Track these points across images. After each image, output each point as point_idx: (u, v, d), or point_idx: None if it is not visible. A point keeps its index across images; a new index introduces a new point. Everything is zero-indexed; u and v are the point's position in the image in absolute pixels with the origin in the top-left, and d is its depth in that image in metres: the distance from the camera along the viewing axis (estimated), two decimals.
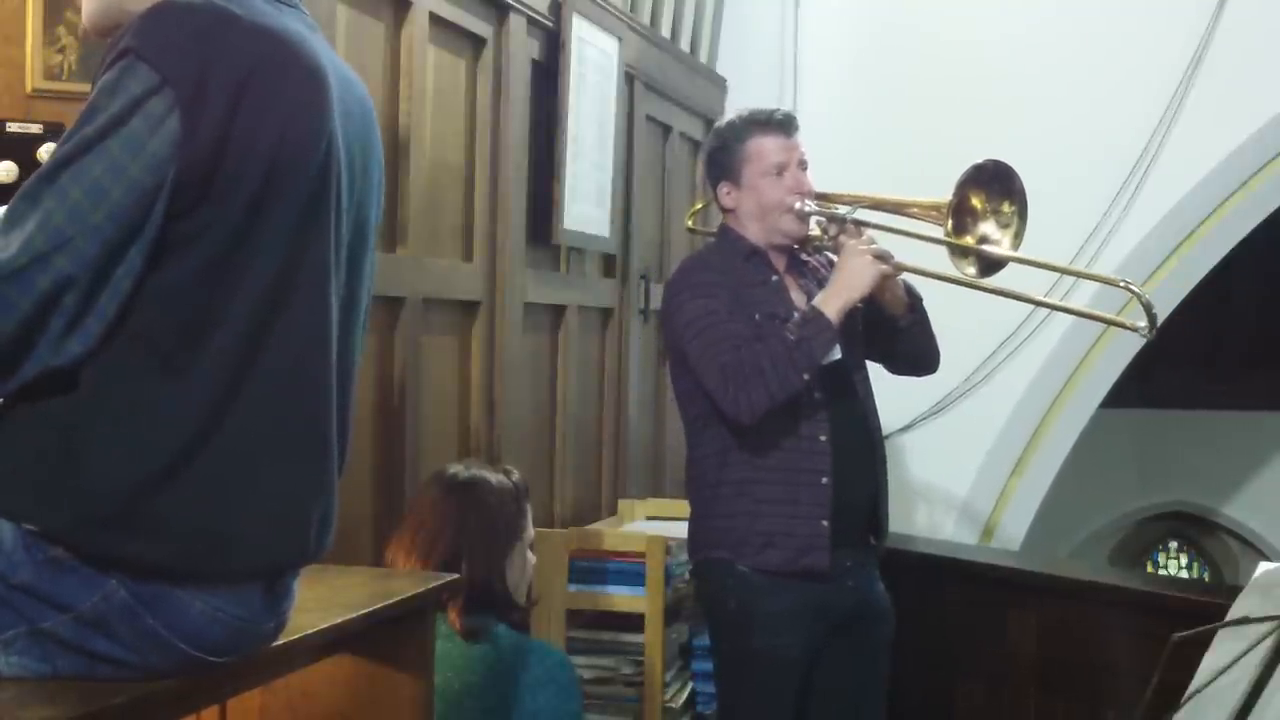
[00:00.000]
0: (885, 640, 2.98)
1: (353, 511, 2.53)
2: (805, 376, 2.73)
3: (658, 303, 3.70)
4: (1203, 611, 2.75)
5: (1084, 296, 4.07)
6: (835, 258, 2.88)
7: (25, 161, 2.05)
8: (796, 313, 2.81)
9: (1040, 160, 3.28)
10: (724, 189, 2.98)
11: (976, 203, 2.80)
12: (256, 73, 1.44)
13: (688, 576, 3.33)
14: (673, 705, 3.38)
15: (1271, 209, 4.51)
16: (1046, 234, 2.97)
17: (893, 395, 3.28)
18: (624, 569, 3.31)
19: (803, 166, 2.94)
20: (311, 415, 1.56)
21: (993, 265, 2.80)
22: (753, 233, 2.95)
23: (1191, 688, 1.67)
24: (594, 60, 3.56)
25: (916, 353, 3.02)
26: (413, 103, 2.80)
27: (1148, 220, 4.35)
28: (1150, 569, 9.22)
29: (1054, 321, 4.40)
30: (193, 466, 1.42)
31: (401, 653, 1.96)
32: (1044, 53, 4.43)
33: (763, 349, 2.73)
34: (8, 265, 1.33)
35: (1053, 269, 3.21)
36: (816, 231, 2.95)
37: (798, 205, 2.90)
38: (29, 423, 1.41)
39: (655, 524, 3.69)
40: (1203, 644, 1.71)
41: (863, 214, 2.90)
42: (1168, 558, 9.34)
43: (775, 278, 2.93)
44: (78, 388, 1.39)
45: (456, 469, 2.51)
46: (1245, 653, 1.64)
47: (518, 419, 3.27)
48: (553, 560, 3.25)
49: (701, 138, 4.38)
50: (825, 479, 2.80)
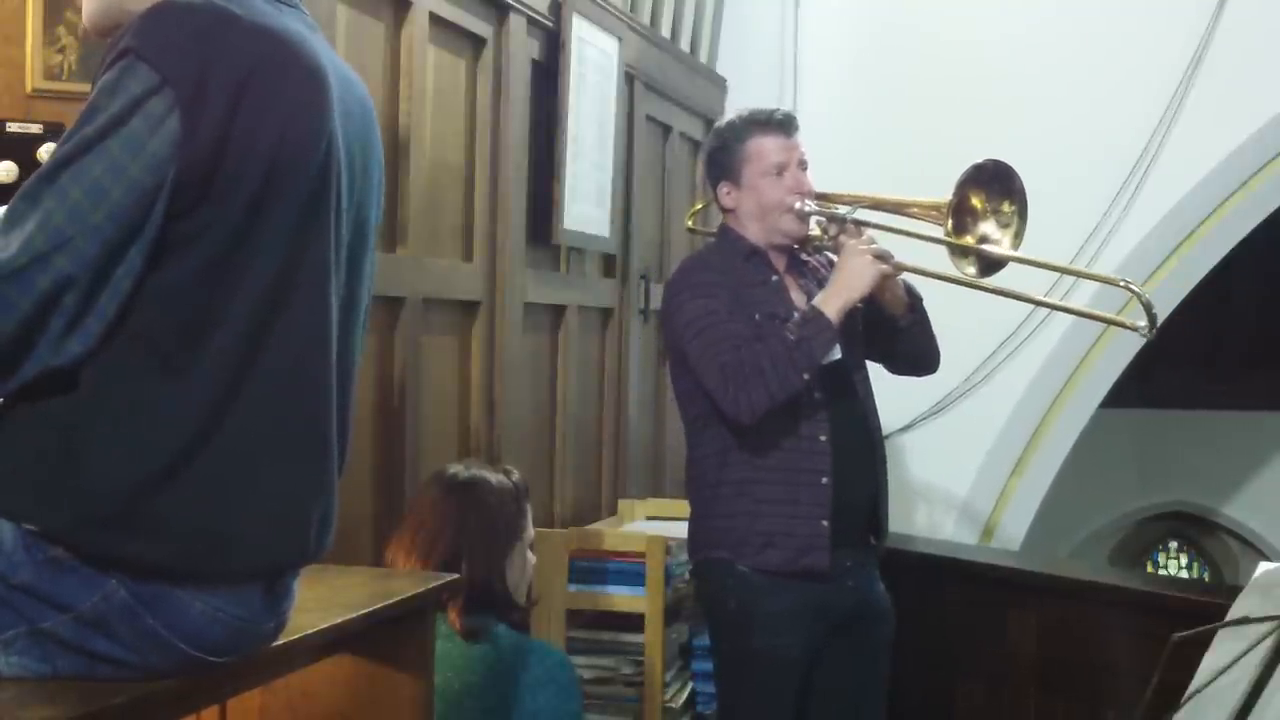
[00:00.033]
0: (885, 640, 2.98)
1: (353, 511, 2.53)
2: (805, 376, 2.73)
3: (658, 303, 3.70)
4: (1203, 611, 2.75)
5: (1084, 296, 4.07)
6: (835, 258, 2.88)
7: (25, 161, 2.05)
8: (796, 313, 2.81)
9: (1040, 160, 3.28)
10: (724, 189, 2.97)
11: (976, 202, 2.80)
12: (256, 73, 1.44)
13: (688, 576, 3.33)
14: (673, 705, 3.38)
15: (1271, 209, 4.51)
16: (1046, 234, 2.97)
17: (893, 395, 3.28)
18: (624, 569, 3.31)
19: (803, 166, 2.94)
20: (311, 415, 1.56)
21: (993, 265, 2.80)
22: (753, 233, 2.95)
23: (1191, 688, 1.67)
24: (594, 60, 3.56)
25: (917, 353, 3.02)
26: (413, 103, 2.80)
27: (1148, 220, 4.35)
28: (1150, 569, 9.22)
29: (1054, 321, 4.40)
30: (193, 466, 1.42)
31: (401, 653, 1.96)
32: (1044, 53, 4.43)
33: (763, 349, 2.73)
34: (8, 265, 1.33)
35: (1053, 269, 3.21)
36: (816, 231, 2.95)
37: (798, 205, 2.90)
38: (29, 423, 1.41)
39: (655, 524, 3.69)
40: (1203, 644, 1.71)
41: (863, 214, 2.89)
42: (1168, 558, 9.34)
43: (775, 278, 2.93)
44: (78, 388, 1.39)
45: (456, 469, 2.51)
46: (1245, 653, 1.64)
47: (518, 419, 3.27)
48: (553, 560, 3.25)
49: (701, 138, 4.38)
50: (825, 479, 2.80)
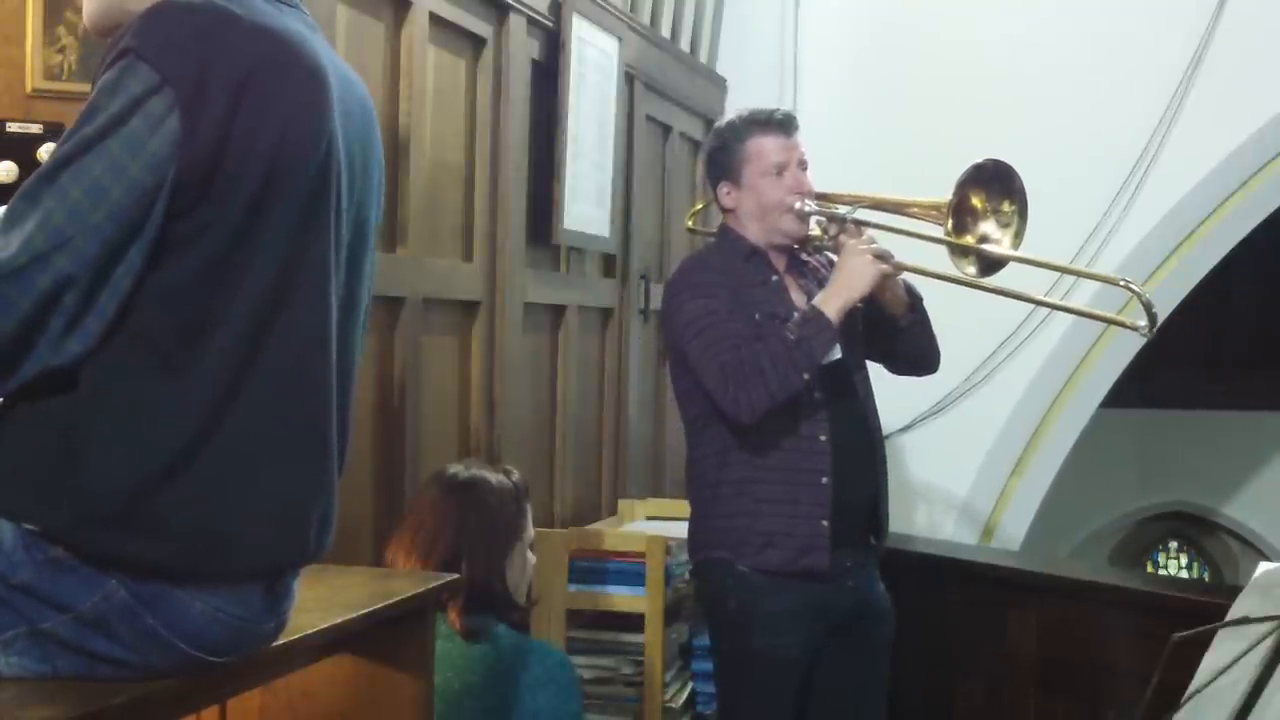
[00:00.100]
0: (885, 640, 2.98)
1: (353, 511, 2.53)
2: (805, 376, 2.73)
3: (658, 303, 3.70)
4: (1203, 611, 2.75)
5: (1084, 296, 4.07)
6: (835, 257, 2.88)
7: (25, 161, 2.05)
8: (796, 312, 2.81)
9: (1040, 160, 3.28)
10: (724, 189, 2.97)
11: (976, 202, 2.80)
12: (257, 73, 1.44)
13: (688, 576, 3.33)
14: (673, 705, 3.38)
15: (1271, 209, 4.51)
16: (1046, 234, 2.97)
17: (893, 395, 3.28)
18: (624, 569, 3.31)
19: (803, 166, 2.94)
20: (311, 415, 1.56)
21: (993, 264, 2.80)
22: (753, 233, 2.94)
23: (1191, 688, 1.67)
24: (594, 60, 3.56)
25: (917, 352, 3.02)
26: (413, 103, 2.80)
27: (1148, 220, 4.35)
28: (1150, 569, 9.22)
29: (1054, 321, 4.40)
30: (193, 466, 1.42)
31: (401, 653, 1.96)
32: (1044, 53, 4.43)
33: (763, 348, 2.73)
34: (7, 264, 1.33)
35: (1053, 268, 3.21)
36: (816, 231, 2.95)
37: (798, 205, 2.90)
38: (29, 422, 1.41)
39: (655, 524, 3.69)
40: (1203, 644, 1.71)
41: (863, 214, 2.89)
42: (1168, 558, 9.34)
43: (775, 278, 2.93)
44: (78, 387, 1.39)
45: (456, 469, 2.51)
46: (1245, 653, 1.64)
47: (518, 419, 3.27)
48: (553, 560, 3.24)
49: (701, 138, 4.38)
50: (825, 479, 2.80)
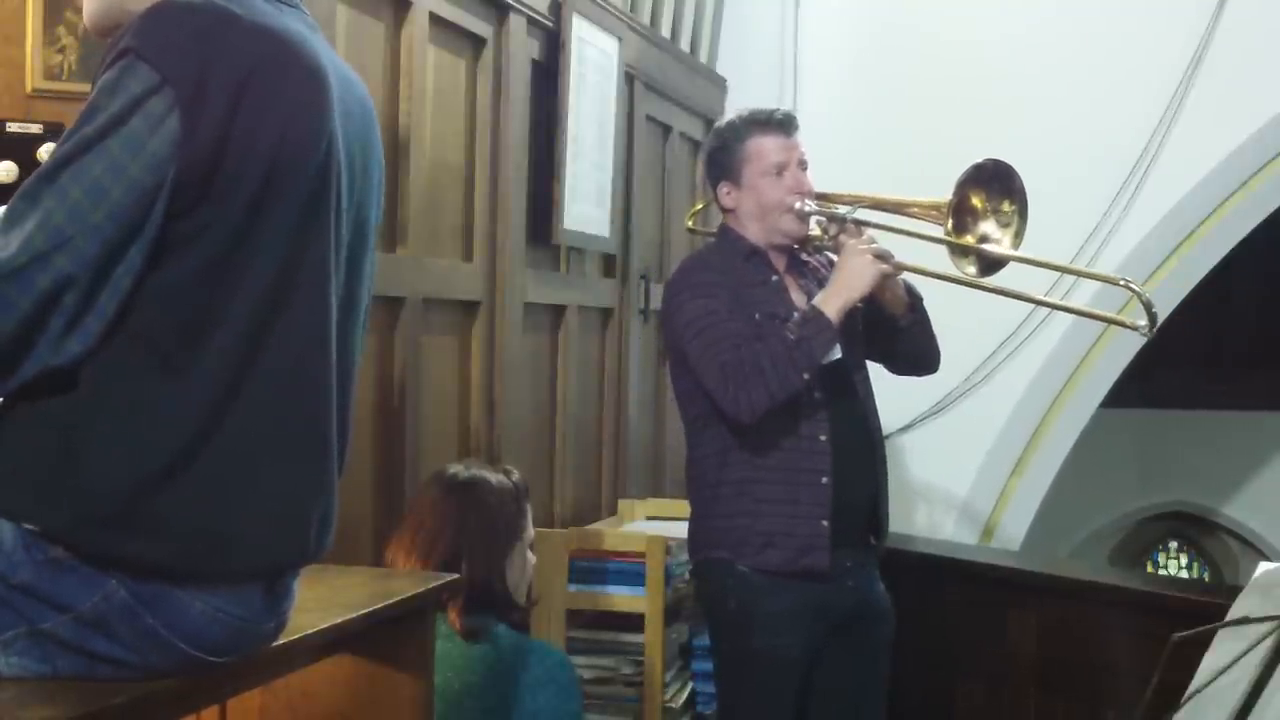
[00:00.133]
0: (885, 640, 2.98)
1: (353, 511, 2.53)
2: (805, 376, 2.73)
3: (658, 303, 3.70)
4: (1203, 611, 2.75)
5: (1084, 296, 4.06)
6: (835, 257, 2.88)
7: (25, 161, 2.05)
8: (796, 312, 2.81)
9: (1040, 160, 3.27)
10: (724, 189, 2.97)
11: (977, 202, 2.80)
12: (257, 73, 1.44)
13: (688, 576, 3.33)
14: (673, 705, 3.37)
15: (1271, 209, 4.51)
16: (1046, 234, 2.97)
17: (893, 395, 3.28)
18: (624, 569, 3.31)
19: (803, 166, 2.94)
20: (311, 415, 1.56)
21: (993, 264, 2.80)
22: (753, 233, 2.94)
23: (1191, 688, 1.67)
24: (594, 60, 3.56)
25: (917, 352, 3.02)
26: (413, 103, 2.80)
27: (1148, 220, 4.35)
28: (1150, 569, 9.22)
29: (1054, 321, 4.40)
30: (193, 466, 1.42)
31: (401, 653, 1.96)
32: (1044, 53, 4.43)
33: (763, 348, 2.73)
34: (7, 264, 1.33)
35: (1053, 268, 3.21)
36: (817, 231, 2.95)
37: (798, 205, 2.90)
38: (29, 422, 1.41)
39: (655, 524, 3.69)
40: (1203, 644, 1.71)
41: (863, 214, 2.89)
42: (1168, 558, 9.34)
43: (775, 278, 2.93)
44: (77, 387, 1.39)
45: (456, 469, 2.51)
46: (1245, 653, 1.64)
47: (518, 419, 3.27)
48: (553, 560, 3.24)
49: (701, 138, 4.38)
50: (825, 479, 2.80)
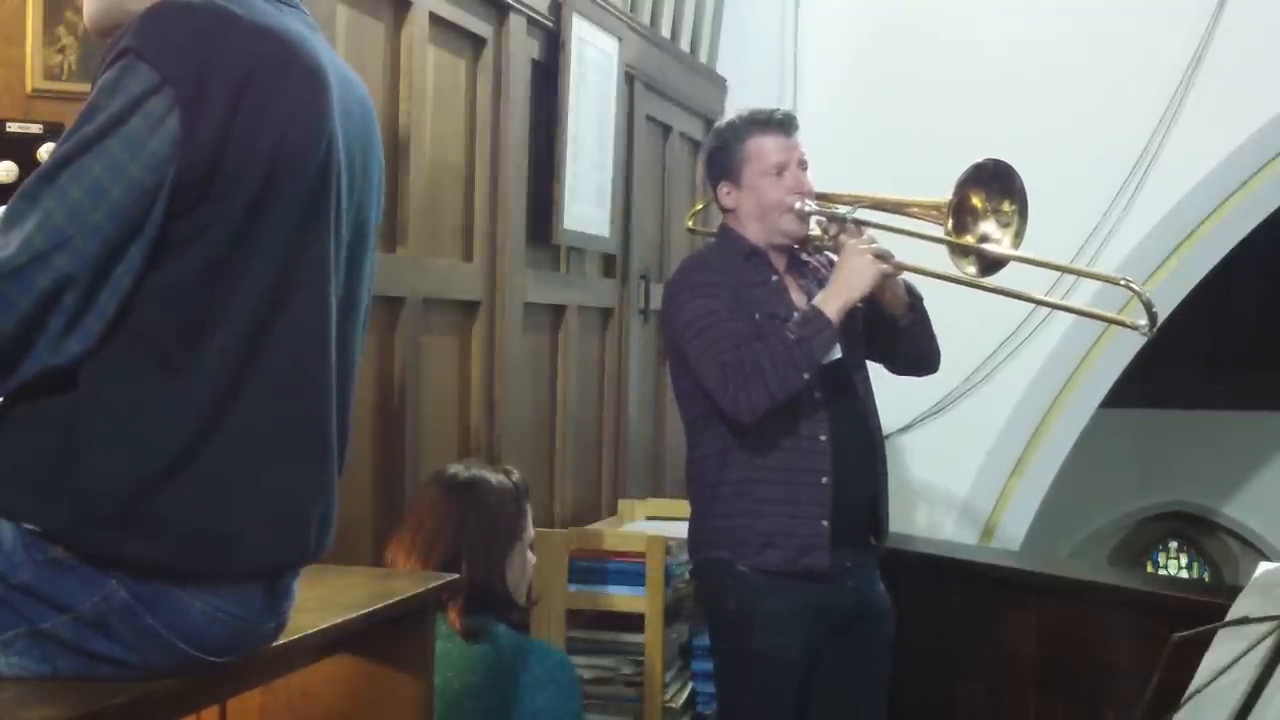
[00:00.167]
0: (885, 640, 2.98)
1: (353, 511, 2.53)
2: (805, 376, 2.73)
3: (658, 303, 3.70)
4: (1203, 611, 2.75)
5: (1084, 296, 4.06)
6: (835, 257, 2.88)
7: (25, 161, 2.05)
8: (796, 312, 2.81)
9: (1040, 160, 3.27)
10: (724, 189, 2.97)
11: (977, 202, 2.80)
12: (257, 73, 1.44)
13: (688, 576, 3.33)
14: (673, 705, 3.37)
15: (1271, 209, 4.51)
16: (1046, 234, 2.97)
17: (893, 395, 3.28)
18: (624, 569, 3.31)
19: (803, 166, 2.94)
20: (311, 415, 1.56)
21: (993, 264, 2.80)
22: (753, 233, 2.94)
23: (1191, 688, 1.67)
24: (594, 60, 3.56)
25: (917, 352, 3.02)
26: (413, 103, 2.80)
27: (1148, 220, 4.35)
28: (1150, 569, 9.22)
29: (1054, 321, 4.39)
30: (193, 466, 1.42)
31: (401, 653, 1.96)
32: (1044, 53, 4.43)
33: (763, 348, 2.73)
34: (7, 264, 1.33)
35: (1053, 267, 3.21)
36: (817, 231, 2.95)
37: (798, 205, 2.90)
38: (29, 422, 1.41)
39: (655, 524, 3.69)
40: (1203, 644, 1.71)
41: (863, 214, 2.89)
42: (1168, 558, 9.34)
43: (775, 278, 2.93)
44: (77, 387, 1.39)
45: (456, 469, 2.51)
46: (1245, 653, 1.64)
47: (518, 419, 3.27)
48: (553, 560, 3.24)
49: (701, 138, 4.38)
50: (825, 479, 2.80)
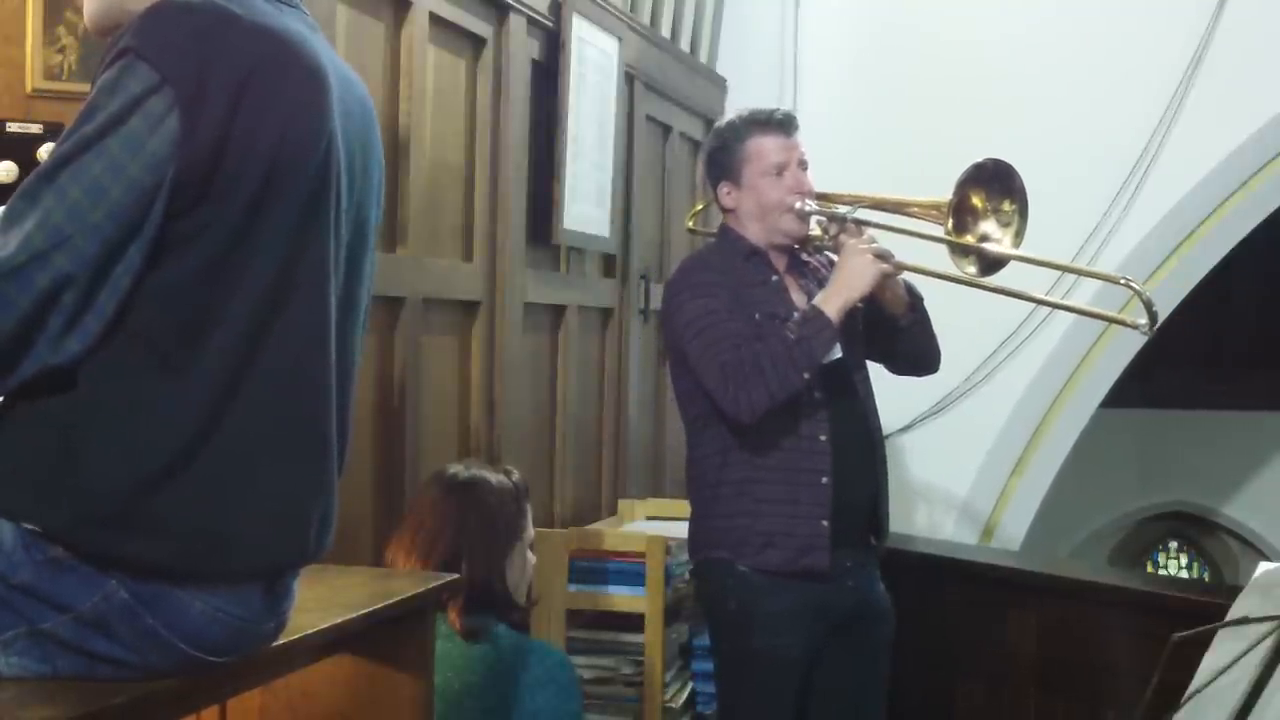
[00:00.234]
0: (885, 640, 2.98)
1: (353, 511, 2.53)
2: (805, 375, 2.73)
3: (658, 303, 3.70)
4: (1203, 611, 2.75)
5: (1084, 296, 4.06)
6: (835, 257, 2.88)
7: (25, 161, 2.05)
8: (796, 312, 2.81)
9: (1040, 160, 3.27)
10: (724, 189, 2.97)
11: (977, 201, 2.80)
12: (257, 72, 1.44)
13: (688, 576, 3.33)
14: (673, 705, 3.37)
15: (1271, 209, 4.51)
16: (1047, 234, 2.97)
17: (893, 395, 3.28)
18: (624, 569, 3.30)
19: (803, 166, 2.94)
20: (311, 415, 1.56)
21: (994, 264, 2.80)
22: (753, 233, 2.94)
23: (1191, 688, 1.67)
24: (594, 60, 3.56)
25: (917, 352, 3.02)
26: (413, 103, 2.80)
27: (1148, 220, 4.35)
28: (1150, 569, 9.22)
29: (1054, 321, 4.40)
30: (192, 466, 1.42)
31: (401, 653, 1.96)
32: (1044, 53, 4.43)
33: (763, 348, 2.73)
34: (7, 263, 1.33)
35: (1053, 266, 3.21)
36: (817, 231, 2.95)
37: (798, 205, 2.90)
38: (28, 422, 1.41)
39: (655, 524, 3.69)
40: (1203, 644, 1.71)
41: (863, 213, 2.89)
42: (1168, 558, 9.34)
43: (775, 278, 2.93)
44: (77, 387, 1.39)
45: (456, 469, 2.51)
46: (1245, 653, 1.64)
47: (518, 419, 3.27)
48: (553, 560, 3.24)
49: (701, 138, 4.38)
50: (825, 479, 2.80)
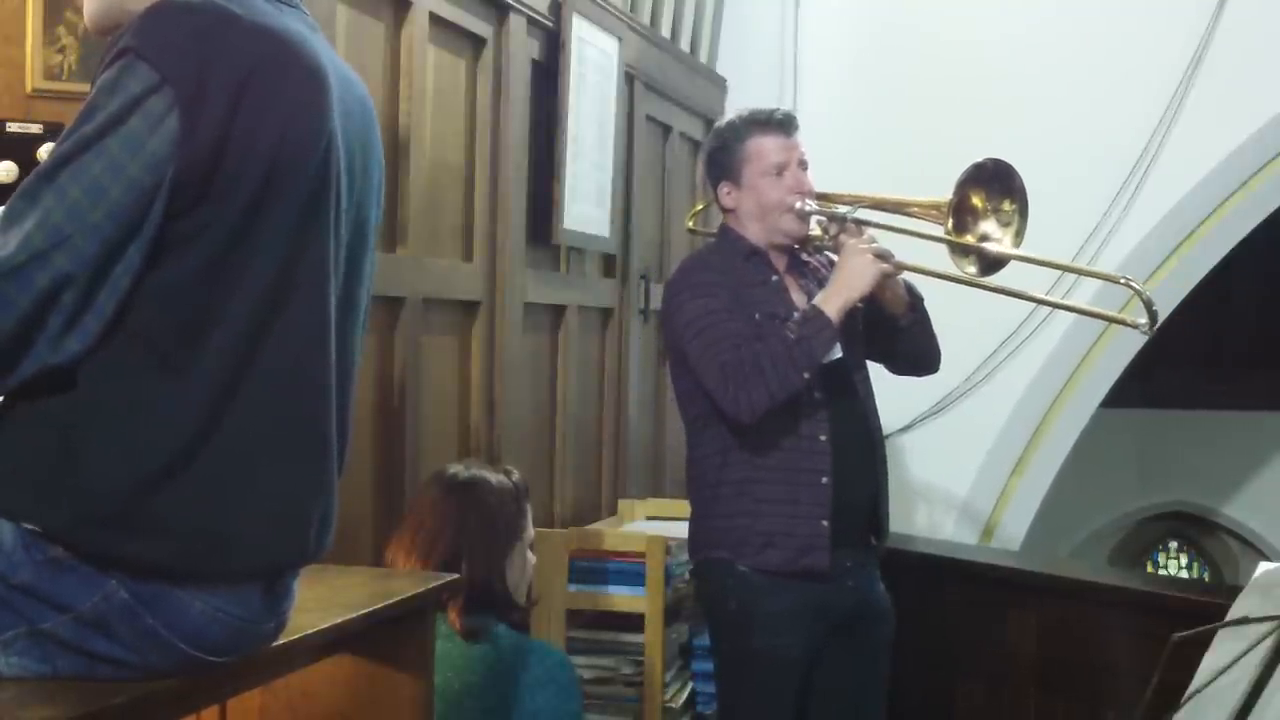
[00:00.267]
0: (885, 640, 2.98)
1: (353, 511, 2.53)
2: (805, 375, 2.73)
3: (658, 303, 3.70)
4: (1203, 611, 2.75)
5: (1084, 296, 4.06)
6: (836, 257, 2.88)
7: (25, 161, 2.05)
8: (797, 312, 2.81)
9: (1040, 160, 3.27)
10: (724, 189, 2.97)
11: (977, 201, 2.80)
12: (257, 72, 1.44)
13: (688, 576, 3.33)
14: (673, 705, 3.37)
15: (1271, 209, 4.51)
16: (1047, 234, 2.97)
17: (893, 395, 3.28)
18: (624, 569, 3.31)
19: (803, 166, 2.94)
20: (311, 415, 1.56)
21: (994, 263, 2.80)
22: (753, 233, 2.94)
23: (1191, 688, 1.67)
24: (594, 60, 3.56)
25: (917, 352, 3.02)
26: (413, 103, 2.80)
27: (1148, 220, 4.35)
28: (1150, 569, 9.22)
29: (1055, 321, 4.40)
30: (192, 466, 1.42)
31: (401, 653, 1.96)
32: (1044, 53, 4.43)
33: (763, 348, 2.73)
34: (7, 263, 1.33)
35: (1053, 266, 3.21)
36: (817, 231, 2.95)
37: (798, 205, 2.90)
38: (28, 422, 1.41)
39: (655, 524, 3.69)
40: (1203, 644, 1.71)
41: (863, 213, 2.89)
42: (1168, 558, 9.34)
43: (775, 278, 2.93)
44: (76, 386, 1.39)
45: (456, 469, 2.51)
46: (1245, 653, 1.64)
47: (518, 419, 3.27)
48: (553, 560, 3.24)
49: (701, 138, 4.38)
50: (825, 479, 2.80)
